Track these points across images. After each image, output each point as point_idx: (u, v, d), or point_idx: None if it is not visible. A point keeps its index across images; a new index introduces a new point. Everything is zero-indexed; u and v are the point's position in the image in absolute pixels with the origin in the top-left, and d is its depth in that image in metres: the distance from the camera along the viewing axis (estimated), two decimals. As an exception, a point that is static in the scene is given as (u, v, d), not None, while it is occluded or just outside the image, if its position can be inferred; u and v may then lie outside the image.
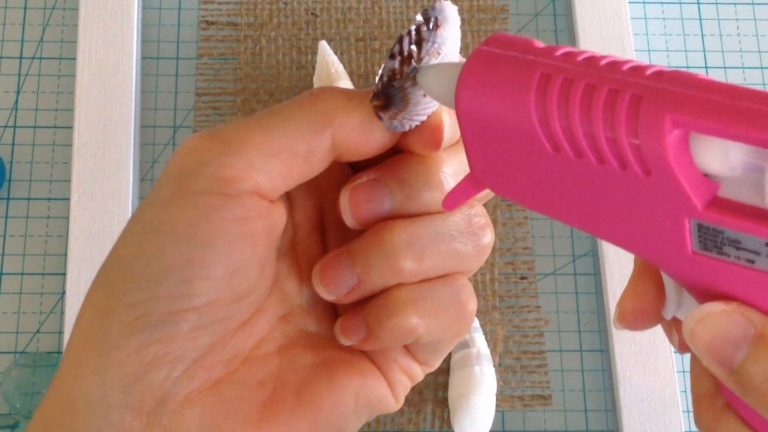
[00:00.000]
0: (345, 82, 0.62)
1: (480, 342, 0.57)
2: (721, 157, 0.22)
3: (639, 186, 0.22)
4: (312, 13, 0.67)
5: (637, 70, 0.22)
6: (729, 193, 0.22)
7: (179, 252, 0.25)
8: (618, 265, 0.60)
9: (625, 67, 0.22)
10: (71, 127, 0.62)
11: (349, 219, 0.28)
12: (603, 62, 0.23)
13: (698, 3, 0.70)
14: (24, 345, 0.59)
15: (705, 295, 0.23)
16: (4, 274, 0.61)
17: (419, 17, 0.26)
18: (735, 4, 0.70)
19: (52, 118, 0.65)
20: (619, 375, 0.58)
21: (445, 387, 0.58)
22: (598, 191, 0.23)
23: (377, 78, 0.26)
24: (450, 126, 0.27)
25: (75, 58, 0.64)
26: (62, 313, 0.60)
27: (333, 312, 0.30)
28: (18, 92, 0.65)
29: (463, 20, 0.67)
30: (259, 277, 0.27)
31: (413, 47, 0.25)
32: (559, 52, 0.23)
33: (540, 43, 0.24)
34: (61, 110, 0.65)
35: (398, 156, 0.28)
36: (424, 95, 0.26)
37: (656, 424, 0.57)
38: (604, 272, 0.60)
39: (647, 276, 0.27)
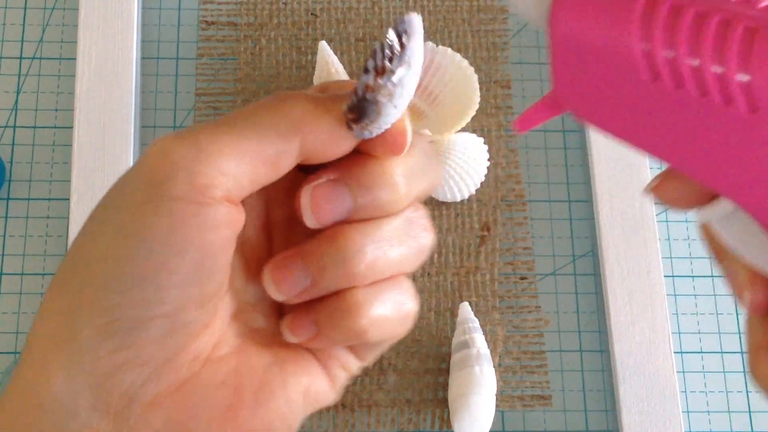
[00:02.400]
0: (345, 82, 0.62)
1: (480, 342, 0.57)
2: None
3: (740, 123, 0.21)
4: (312, 13, 0.67)
5: (750, 2, 0.21)
6: None
7: (153, 258, 0.26)
8: (618, 265, 0.60)
9: None
10: (71, 127, 0.62)
11: (309, 219, 0.28)
12: None
13: (698, 3, 0.70)
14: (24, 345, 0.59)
15: None
16: (4, 274, 0.61)
17: (391, 32, 0.26)
18: (735, 4, 0.70)
19: (52, 118, 0.65)
20: (619, 375, 0.58)
21: (445, 387, 0.58)
22: (693, 125, 0.22)
23: (352, 92, 0.27)
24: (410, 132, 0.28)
25: (75, 58, 0.64)
26: (62, 313, 0.60)
27: (278, 308, 0.30)
28: (18, 92, 0.65)
29: (462, 20, 0.67)
30: (225, 279, 0.28)
31: (386, 61, 0.26)
32: None
33: None
34: (61, 110, 0.65)
35: (356, 157, 0.28)
36: (395, 107, 0.27)
37: (656, 424, 0.57)
38: (604, 272, 0.60)
39: None
